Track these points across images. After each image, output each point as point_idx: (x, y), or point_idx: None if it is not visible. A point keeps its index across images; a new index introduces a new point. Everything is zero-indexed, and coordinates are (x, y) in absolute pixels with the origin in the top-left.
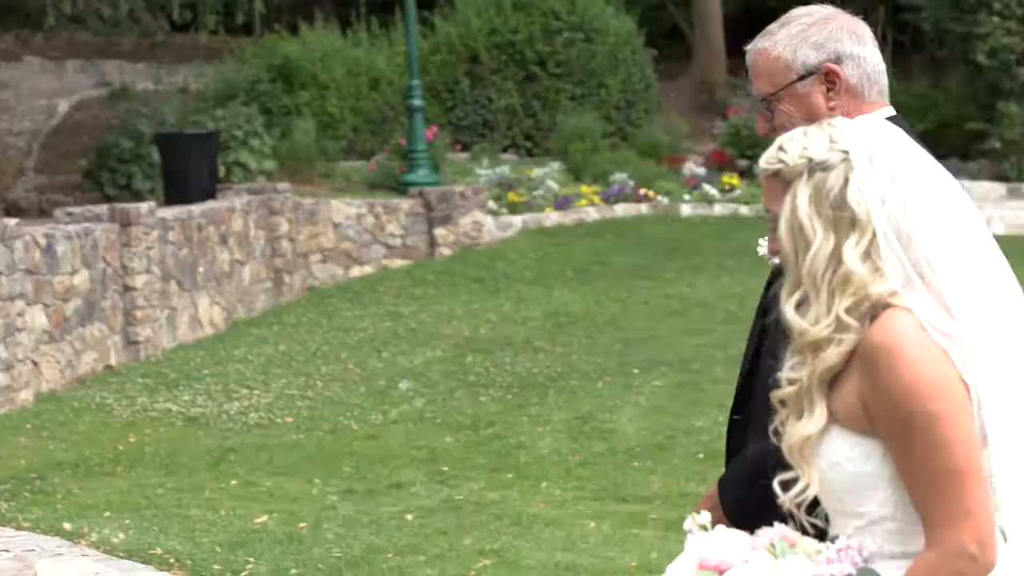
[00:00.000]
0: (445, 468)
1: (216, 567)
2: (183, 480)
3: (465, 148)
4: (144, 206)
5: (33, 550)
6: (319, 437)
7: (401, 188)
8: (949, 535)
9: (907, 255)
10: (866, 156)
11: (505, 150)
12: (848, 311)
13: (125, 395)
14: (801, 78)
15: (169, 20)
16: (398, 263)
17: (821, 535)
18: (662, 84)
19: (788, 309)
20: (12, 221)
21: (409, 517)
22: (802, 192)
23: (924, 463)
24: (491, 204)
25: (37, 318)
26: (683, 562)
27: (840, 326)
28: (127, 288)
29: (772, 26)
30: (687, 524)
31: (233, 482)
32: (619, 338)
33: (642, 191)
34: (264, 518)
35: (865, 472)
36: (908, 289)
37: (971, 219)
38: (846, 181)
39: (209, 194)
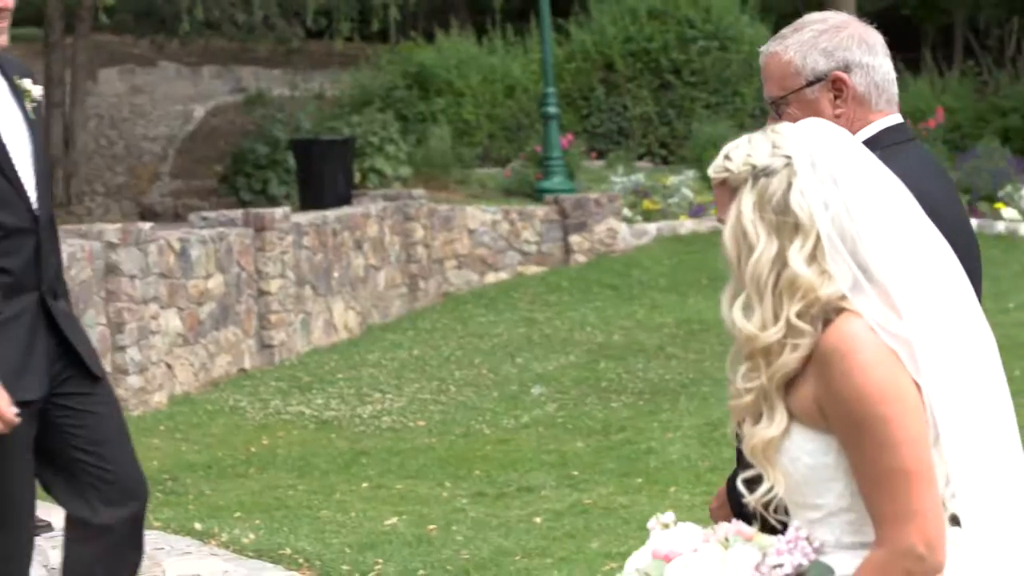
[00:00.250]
0: (575, 472)
1: (345, 567)
2: (314, 482)
3: (600, 155)
4: (279, 211)
5: (162, 548)
6: (451, 441)
7: (536, 195)
8: (897, 534)
9: (853, 257)
10: (808, 161)
11: (640, 158)
12: (799, 315)
13: (258, 398)
14: (809, 84)
15: (304, 27)
16: (533, 269)
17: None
18: None
19: (735, 314)
20: (147, 225)
21: (538, 520)
22: (746, 199)
23: (873, 463)
24: (626, 211)
25: (171, 321)
26: (639, 554)
27: (792, 331)
28: (261, 292)
29: (786, 30)
30: (651, 523)
31: (364, 484)
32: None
33: None
34: (394, 520)
35: (824, 464)
36: (856, 291)
37: (917, 221)
38: (789, 186)
39: (344, 200)
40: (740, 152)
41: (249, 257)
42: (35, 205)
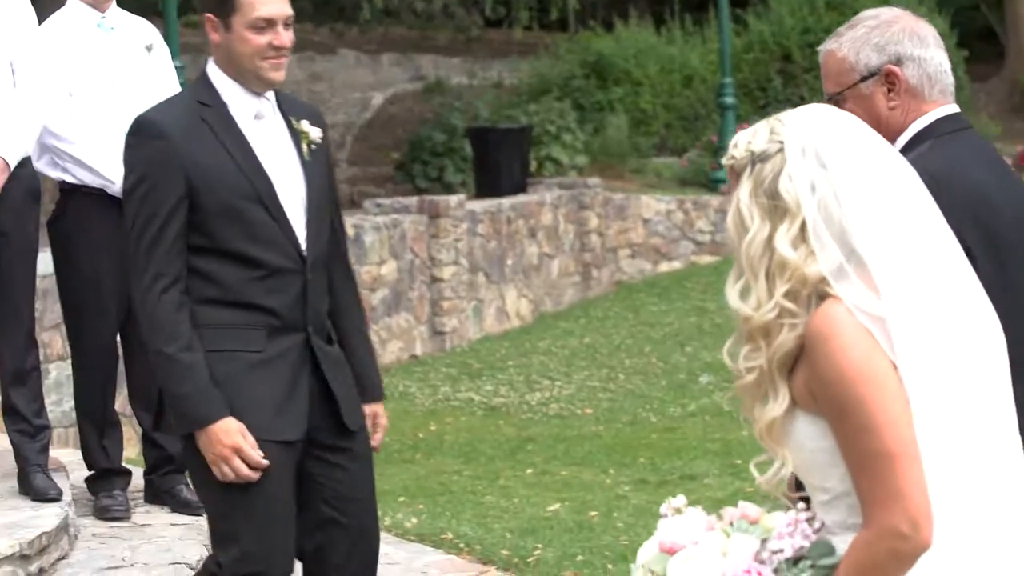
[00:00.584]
0: (738, 461)
1: (504, 552)
2: (480, 468)
3: None
4: (453, 199)
5: None
6: (617, 429)
7: (711, 185)
8: (882, 515)
9: (839, 240)
10: (799, 146)
11: None
12: (787, 296)
13: (428, 384)
14: (863, 79)
15: (483, 15)
16: (706, 259)
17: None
18: (973, 85)
19: (732, 295)
20: None
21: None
22: (745, 184)
23: (857, 445)
24: None
25: None
26: (648, 545)
27: (784, 311)
28: (434, 279)
29: (842, 28)
30: (663, 508)
31: (529, 471)
32: None
33: None
34: (556, 506)
35: (823, 448)
36: (839, 274)
37: (916, 206)
38: (779, 171)
39: (520, 188)
40: (743, 139)
41: (423, 244)
42: (303, 246)
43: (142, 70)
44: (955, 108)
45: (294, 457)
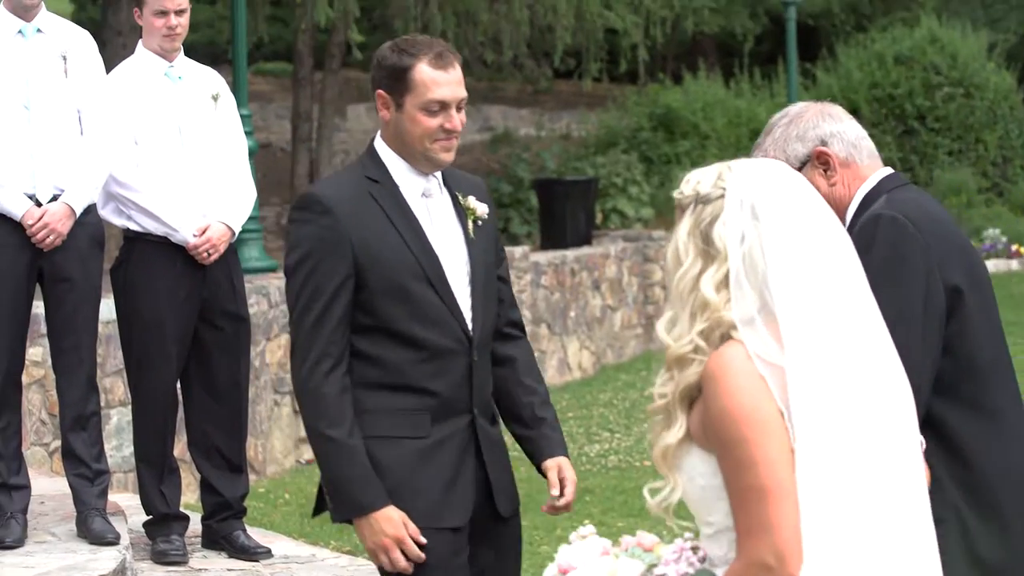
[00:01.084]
0: None
1: None
2: (537, 518)
3: None
4: (518, 250)
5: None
6: None
7: None
8: (751, 546)
9: (759, 290)
10: (738, 196)
11: None
12: (702, 333)
13: None
14: (800, 167)
15: (552, 67)
16: None
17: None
18: None
19: (660, 323)
20: None
21: None
22: (685, 221)
23: (735, 480)
24: None
25: None
26: (549, 569)
27: (697, 347)
28: None
29: (759, 140)
30: (572, 536)
31: (586, 522)
32: None
33: (1014, 247)
34: None
35: (712, 484)
36: (746, 322)
37: (841, 270)
38: (716, 216)
39: (585, 240)
40: (695, 178)
41: None
42: (470, 326)
43: (208, 119)
44: (889, 170)
45: (463, 541)
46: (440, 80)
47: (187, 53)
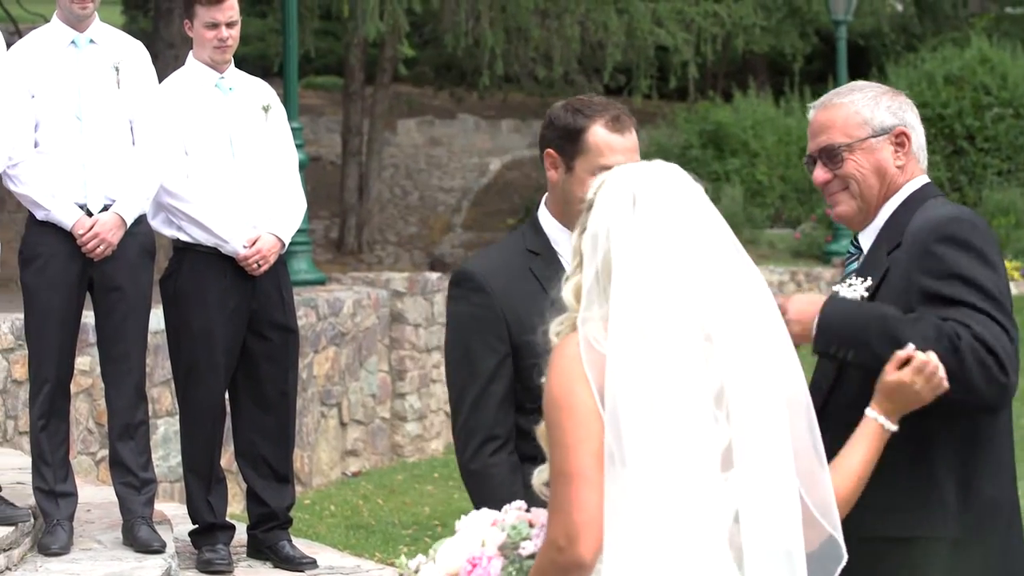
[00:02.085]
0: None
1: None
2: None
3: None
4: None
5: None
6: None
7: (825, 258)
8: (550, 526)
9: (603, 287)
10: (602, 200)
11: None
12: (559, 334)
13: None
14: (876, 135)
15: (603, 83)
16: None
17: None
18: None
19: (550, 319)
20: (434, 275)
21: None
22: (578, 227)
23: (550, 461)
24: None
25: None
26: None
27: (550, 342)
28: None
29: (840, 90)
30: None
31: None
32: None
33: None
34: None
35: None
36: (587, 308)
37: (708, 259)
38: (585, 223)
39: None
40: (596, 182)
41: None
42: None
43: (259, 131)
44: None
45: None
46: (615, 145)
47: (238, 66)
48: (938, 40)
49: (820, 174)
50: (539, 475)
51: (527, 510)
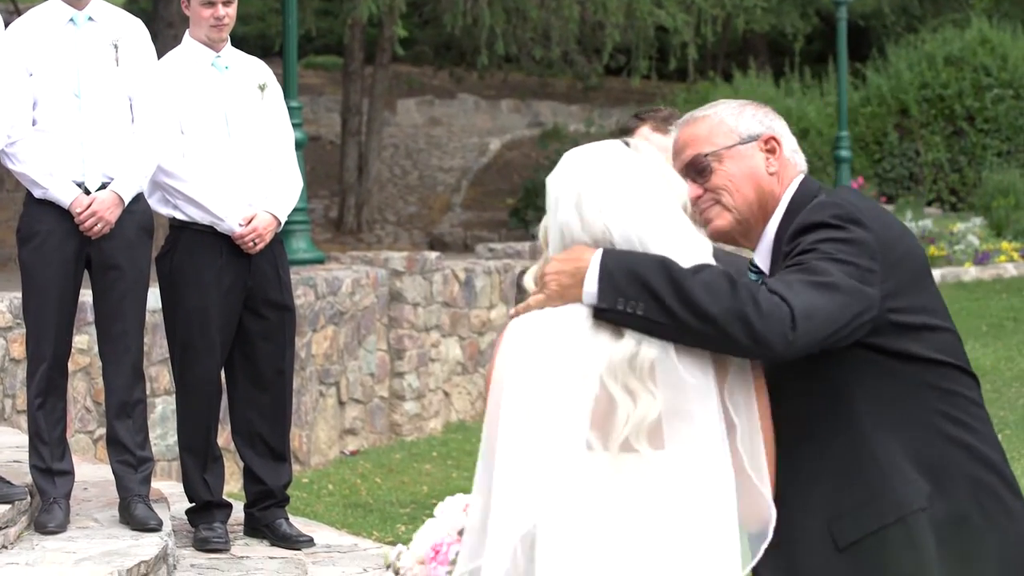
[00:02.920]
0: None
1: None
2: None
3: (889, 200)
4: None
5: None
6: None
7: None
8: None
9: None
10: (552, 190)
11: (929, 204)
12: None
13: None
14: (744, 142)
15: (602, 64)
16: None
17: None
18: None
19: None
20: (433, 254)
21: None
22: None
23: None
24: None
25: (452, 350)
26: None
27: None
28: None
29: (702, 107)
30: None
31: None
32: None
33: None
34: None
35: None
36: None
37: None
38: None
39: None
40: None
41: None
42: None
43: (255, 109)
44: (802, 175)
45: None
46: (664, 146)
47: (238, 45)
48: (938, 21)
49: (693, 191)
50: None
51: None
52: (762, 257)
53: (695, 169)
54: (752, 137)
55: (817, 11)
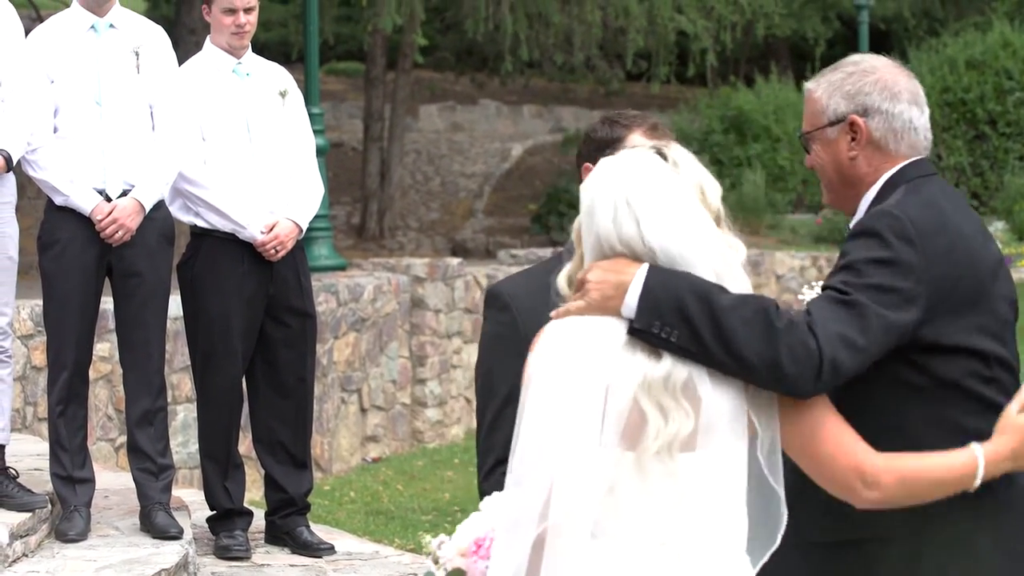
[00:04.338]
0: None
1: None
2: None
3: None
4: None
5: None
6: None
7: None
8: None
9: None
10: (587, 193)
11: None
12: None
13: None
14: (830, 124)
15: (624, 69)
16: None
17: None
18: None
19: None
20: (455, 260)
21: None
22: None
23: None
24: None
25: (473, 356)
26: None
27: None
28: None
29: (828, 68)
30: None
31: None
32: None
33: None
34: None
35: None
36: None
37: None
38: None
39: None
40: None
41: None
42: None
43: (276, 116)
44: (919, 157)
45: None
46: None
47: (259, 52)
48: (960, 24)
49: (808, 159)
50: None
51: None
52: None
53: (803, 144)
54: (838, 118)
55: (838, 15)
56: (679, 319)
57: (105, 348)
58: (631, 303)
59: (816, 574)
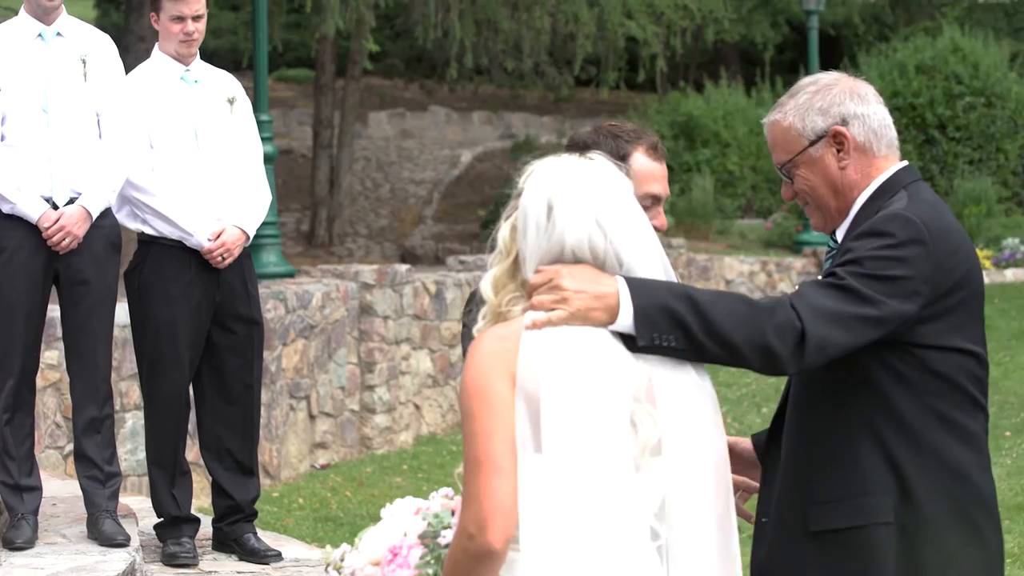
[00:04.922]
0: None
1: None
2: None
3: None
4: None
5: None
6: None
7: (796, 247)
8: (462, 514)
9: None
10: (520, 192)
11: None
12: (484, 316)
13: None
14: (812, 143)
15: (573, 75)
16: None
17: None
18: None
19: (479, 322)
20: (403, 267)
21: None
22: (505, 215)
23: (464, 452)
24: None
25: (422, 363)
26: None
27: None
28: None
29: (783, 98)
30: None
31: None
32: (995, 400)
33: None
34: None
35: None
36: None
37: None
38: (508, 214)
39: None
40: (527, 170)
41: None
42: None
43: (224, 123)
44: (906, 162)
45: None
46: (656, 174)
47: (209, 59)
48: (910, 30)
49: (785, 191)
50: (459, 469)
51: (452, 497)
52: (842, 231)
53: (783, 175)
54: (819, 135)
55: (788, 21)
56: (671, 324)
57: (53, 356)
58: (626, 323)
59: (820, 561)
